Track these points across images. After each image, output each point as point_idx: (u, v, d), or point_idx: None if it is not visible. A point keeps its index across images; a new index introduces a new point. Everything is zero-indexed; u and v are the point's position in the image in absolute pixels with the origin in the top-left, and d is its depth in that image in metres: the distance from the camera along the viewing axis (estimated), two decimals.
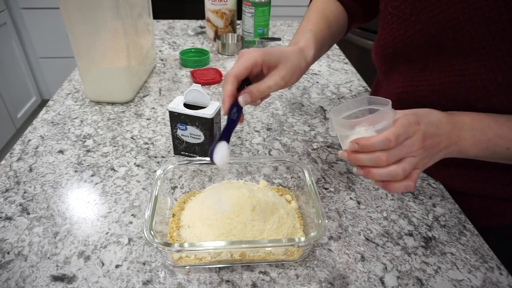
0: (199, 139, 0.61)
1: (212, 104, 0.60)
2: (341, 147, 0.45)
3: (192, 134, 0.61)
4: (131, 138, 0.69)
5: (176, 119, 0.61)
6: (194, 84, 0.60)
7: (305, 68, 0.54)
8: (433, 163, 0.46)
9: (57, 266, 0.45)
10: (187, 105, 0.60)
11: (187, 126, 0.61)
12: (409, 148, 0.42)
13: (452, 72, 0.51)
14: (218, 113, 0.61)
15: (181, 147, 0.64)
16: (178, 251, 0.43)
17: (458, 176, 0.60)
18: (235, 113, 0.47)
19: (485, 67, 0.48)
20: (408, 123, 0.41)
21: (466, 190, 0.61)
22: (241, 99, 0.46)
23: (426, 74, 0.55)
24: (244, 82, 0.48)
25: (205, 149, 0.63)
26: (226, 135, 0.46)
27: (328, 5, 0.68)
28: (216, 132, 0.62)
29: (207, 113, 0.58)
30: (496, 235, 0.56)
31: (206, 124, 0.59)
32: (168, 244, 0.42)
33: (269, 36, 1.15)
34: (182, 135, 0.62)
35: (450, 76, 0.52)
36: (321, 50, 0.61)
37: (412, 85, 0.57)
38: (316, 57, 0.58)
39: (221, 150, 0.45)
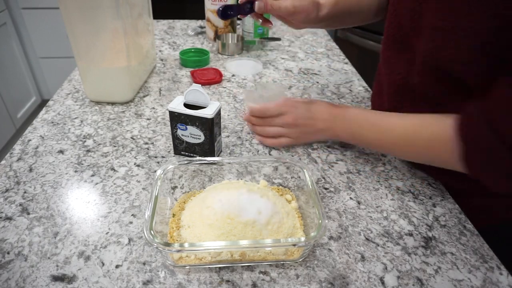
0: (199, 139, 0.61)
1: (212, 104, 0.60)
2: None
3: (192, 134, 0.61)
4: (131, 138, 0.69)
5: (176, 119, 0.61)
6: (194, 84, 0.60)
7: (315, 19, 0.68)
8: (310, 139, 0.67)
9: (57, 266, 0.45)
10: (187, 105, 0.60)
11: (187, 126, 0.61)
12: (281, 120, 0.65)
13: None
14: (218, 113, 0.60)
15: (181, 147, 0.64)
16: (178, 251, 0.43)
17: (457, 176, 0.60)
18: (247, 8, 0.68)
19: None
20: (282, 105, 0.64)
21: (465, 189, 0.60)
22: (256, 4, 0.66)
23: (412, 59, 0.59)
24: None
25: (205, 149, 0.63)
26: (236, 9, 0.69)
27: None
28: (216, 132, 0.62)
29: (207, 113, 0.58)
30: (496, 234, 0.56)
31: (206, 124, 0.59)
32: (168, 244, 0.42)
33: (269, 36, 1.15)
34: (182, 135, 0.62)
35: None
36: (341, 16, 0.72)
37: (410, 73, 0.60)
38: (330, 17, 0.69)
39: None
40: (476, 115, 0.46)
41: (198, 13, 1.47)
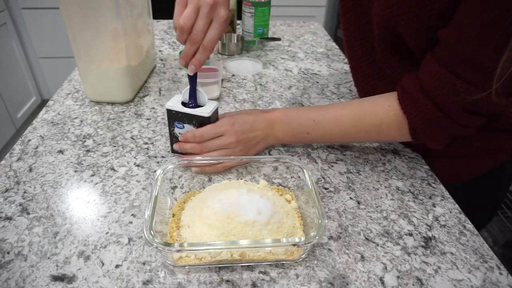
0: None
1: (210, 103, 0.60)
2: None
3: None
4: (131, 138, 0.69)
5: (173, 117, 0.60)
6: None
7: None
8: (255, 151, 0.63)
9: (57, 266, 0.45)
10: (185, 104, 0.60)
11: (184, 125, 0.60)
12: (222, 142, 0.59)
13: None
14: (215, 112, 0.60)
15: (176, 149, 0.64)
16: (178, 251, 0.43)
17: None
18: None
19: None
20: (218, 125, 0.59)
21: (435, 152, 0.65)
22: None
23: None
24: None
25: None
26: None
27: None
28: None
29: (204, 111, 0.58)
30: (462, 190, 0.62)
31: (203, 123, 0.59)
32: (168, 244, 0.42)
33: (269, 36, 1.15)
34: (179, 133, 0.62)
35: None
36: None
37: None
38: None
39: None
40: (412, 87, 0.52)
41: None
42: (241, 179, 0.58)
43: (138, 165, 0.62)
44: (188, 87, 0.59)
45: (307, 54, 1.10)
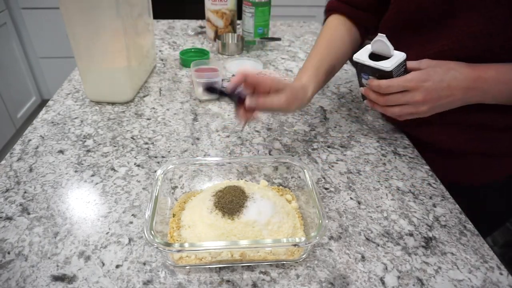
0: None
1: (395, 56, 0.56)
2: None
3: None
4: (131, 138, 0.69)
5: (359, 68, 0.61)
6: (379, 34, 0.57)
7: (306, 101, 0.62)
8: (444, 109, 0.56)
9: (57, 266, 0.45)
10: (374, 55, 0.58)
11: (369, 76, 0.59)
12: (408, 99, 0.55)
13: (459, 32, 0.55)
14: (400, 65, 0.57)
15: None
16: (179, 251, 0.43)
17: (439, 132, 0.65)
18: (235, 98, 0.56)
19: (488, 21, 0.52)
20: (409, 80, 0.54)
21: (450, 148, 0.66)
22: (249, 99, 0.54)
23: (431, 44, 0.59)
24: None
25: None
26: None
27: (338, 31, 0.72)
28: None
29: (385, 65, 0.55)
30: (485, 191, 0.63)
31: (385, 77, 0.57)
32: (168, 244, 0.42)
33: (269, 36, 1.15)
34: (366, 84, 0.61)
35: (457, 41, 0.56)
36: (324, 81, 0.68)
37: (418, 55, 0.59)
38: (316, 91, 0.65)
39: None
40: None
41: (198, 13, 1.47)
42: (241, 179, 0.58)
43: (138, 165, 0.62)
44: (377, 37, 0.57)
45: (307, 54, 1.10)
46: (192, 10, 2.07)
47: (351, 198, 0.57)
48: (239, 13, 1.13)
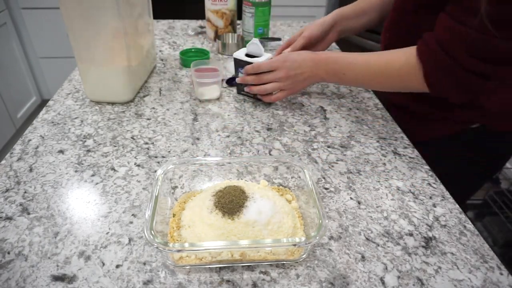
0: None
1: (265, 55, 0.79)
2: None
3: None
4: (131, 138, 0.69)
5: (238, 64, 0.81)
6: (253, 38, 0.81)
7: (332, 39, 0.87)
8: (303, 86, 0.77)
9: (57, 266, 0.45)
10: (248, 55, 0.80)
11: None
12: (274, 76, 0.75)
13: None
14: None
15: (240, 88, 0.84)
16: (179, 251, 0.43)
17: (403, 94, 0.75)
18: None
19: None
20: (273, 61, 0.75)
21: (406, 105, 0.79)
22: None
23: None
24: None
25: None
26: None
27: None
28: None
29: (260, 61, 0.77)
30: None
31: None
32: (168, 244, 0.42)
33: (269, 36, 1.15)
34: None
35: None
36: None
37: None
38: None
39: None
40: (430, 40, 0.59)
41: (198, 13, 1.47)
42: (241, 179, 0.58)
43: (138, 165, 0.62)
44: (252, 41, 0.78)
45: None
46: (192, 10, 2.07)
47: (351, 198, 0.57)
48: (239, 13, 1.13)
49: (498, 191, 1.59)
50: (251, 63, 0.77)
